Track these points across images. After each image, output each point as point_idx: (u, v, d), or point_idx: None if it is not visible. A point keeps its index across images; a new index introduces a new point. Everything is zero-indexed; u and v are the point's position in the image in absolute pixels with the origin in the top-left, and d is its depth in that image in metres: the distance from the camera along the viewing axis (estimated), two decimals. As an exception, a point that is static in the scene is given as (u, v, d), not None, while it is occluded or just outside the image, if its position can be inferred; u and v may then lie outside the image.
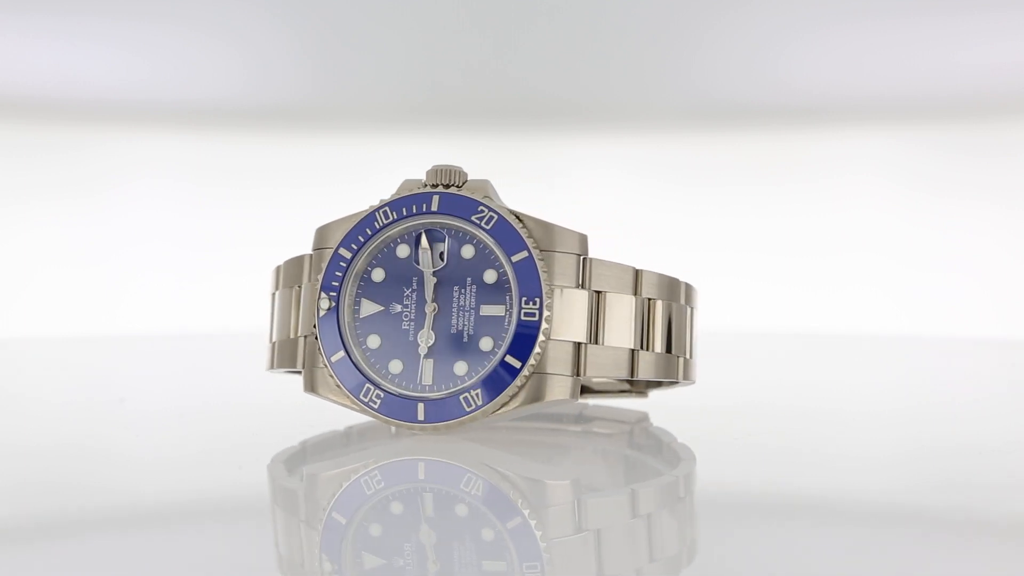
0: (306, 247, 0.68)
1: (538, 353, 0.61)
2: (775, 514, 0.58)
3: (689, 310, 0.68)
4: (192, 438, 0.75)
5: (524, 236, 0.63)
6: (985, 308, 1.45)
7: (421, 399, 0.63)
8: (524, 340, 0.61)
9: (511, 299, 0.62)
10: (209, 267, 1.47)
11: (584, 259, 0.63)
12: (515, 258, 0.62)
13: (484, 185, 0.65)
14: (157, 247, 1.49)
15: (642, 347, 0.65)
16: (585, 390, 0.76)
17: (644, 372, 0.65)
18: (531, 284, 0.62)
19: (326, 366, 0.64)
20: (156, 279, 1.48)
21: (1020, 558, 0.51)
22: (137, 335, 1.40)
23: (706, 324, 0.76)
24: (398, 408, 0.63)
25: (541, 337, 0.61)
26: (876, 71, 1.45)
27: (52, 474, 0.63)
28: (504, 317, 0.62)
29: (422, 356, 0.63)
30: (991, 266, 1.46)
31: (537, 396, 0.62)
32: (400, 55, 1.46)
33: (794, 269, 1.48)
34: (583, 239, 0.63)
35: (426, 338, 0.63)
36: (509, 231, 0.63)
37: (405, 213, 0.65)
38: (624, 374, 0.64)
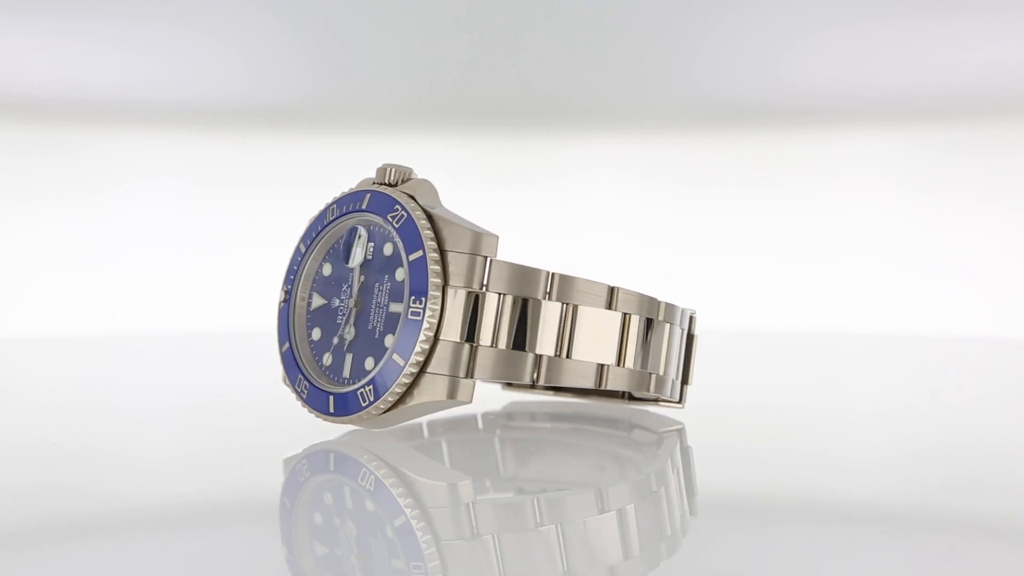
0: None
1: (420, 352, 0.61)
2: (773, 515, 0.58)
3: (624, 316, 0.66)
4: (192, 438, 0.75)
5: (425, 236, 0.62)
6: (985, 308, 1.45)
7: (333, 392, 0.64)
8: (408, 338, 0.61)
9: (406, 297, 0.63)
10: (209, 267, 1.47)
11: (488, 260, 0.62)
12: (411, 257, 0.62)
13: (417, 185, 0.65)
14: (157, 247, 1.49)
15: (557, 353, 0.63)
16: (632, 398, 0.76)
17: (554, 379, 0.63)
18: (420, 282, 0.62)
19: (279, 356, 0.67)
20: (156, 279, 1.48)
21: (1021, 559, 0.51)
22: (137, 335, 1.40)
23: (707, 324, 0.75)
24: (317, 399, 0.65)
25: (423, 336, 0.61)
26: (876, 71, 1.45)
27: (51, 475, 0.63)
28: (402, 314, 0.63)
29: (343, 350, 0.65)
30: (991, 266, 1.46)
31: (426, 395, 0.61)
32: (400, 55, 1.46)
33: (794, 269, 1.48)
34: (487, 240, 0.62)
35: (343, 333, 0.65)
36: (412, 230, 0.63)
37: (345, 210, 0.66)
38: (530, 379, 0.63)
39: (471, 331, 0.61)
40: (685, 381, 0.73)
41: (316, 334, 0.66)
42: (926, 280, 1.46)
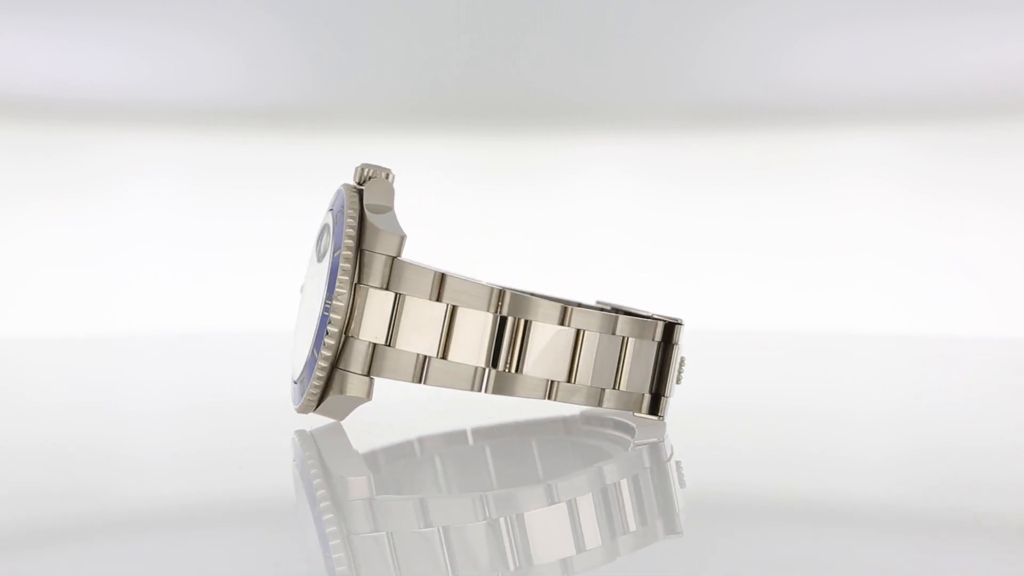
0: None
1: (328, 348, 0.62)
2: (772, 516, 0.58)
3: (517, 321, 0.64)
4: (192, 438, 0.75)
5: (345, 235, 0.63)
6: (985, 308, 1.45)
7: (297, 383, 0.67)
8: (320, 335, 0.63)
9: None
10: (209, 267, 1.47)
11: (395, 260, 0.63)
12: (335, 254, 0.64)
13: (373, 185, 0.65)
14: (157, 247, 1.49)
15: (440, 355, 0.63)
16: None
17: (435, 380, 0.63)
18: (333, 280, 0.63)
19: None
20: (156, 279, 1.48)
21: (1021, 559, 0.51)
22: (137, 335, 1.40)
23: (707, 324, 0.75)
24: (292, 390, 0.68)
25: (329, 333, 0.62)
26: (876, 71, 1.45)
27: (51, 475, 0.63)
28: (320, 311, 0.64)
29: (310, 343, 0.66)
30: (991, 266, 1.46)
31: (343, 391, 0.63)
32: (400, 55, 1.46)
33: (793, 269, 1.47)
34: (397, 240, 0.63)
35: (308, 327, 0.66)
36: (340, 230, 0.64)
37: (327, 208, 0.68)
38: (410, 379, 0.63)
39: (376, 330, 0.63)
40: (661, 393, 0.69)
41: (313, 327, 0.68)
42: (926, 280, 1.46)
